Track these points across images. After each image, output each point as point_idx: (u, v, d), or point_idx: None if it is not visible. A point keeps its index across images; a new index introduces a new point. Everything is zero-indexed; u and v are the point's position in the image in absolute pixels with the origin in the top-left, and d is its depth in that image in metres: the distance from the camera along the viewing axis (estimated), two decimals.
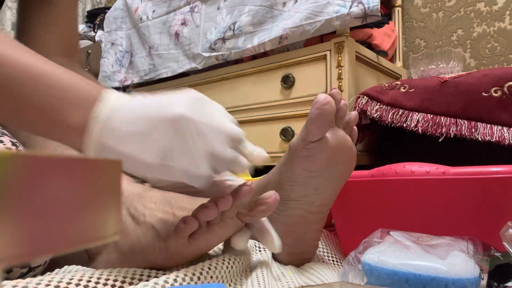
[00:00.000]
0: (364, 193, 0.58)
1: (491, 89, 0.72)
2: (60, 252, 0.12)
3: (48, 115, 0.34)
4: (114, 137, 0.33)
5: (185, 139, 0.33)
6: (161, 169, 0.33)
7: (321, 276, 0.48)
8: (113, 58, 1.51)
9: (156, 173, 0.34)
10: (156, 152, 0.33)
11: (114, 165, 0.15)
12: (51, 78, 0.34)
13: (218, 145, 0.34)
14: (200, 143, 0.33)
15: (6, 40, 0.36)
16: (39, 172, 0.11)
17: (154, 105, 0.34)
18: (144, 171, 0.34)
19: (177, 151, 0.33)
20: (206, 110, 0.35)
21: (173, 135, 0.33)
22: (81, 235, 0.13)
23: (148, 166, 0.33)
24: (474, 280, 0.34)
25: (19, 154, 0.10)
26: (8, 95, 0.33)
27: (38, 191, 0.11)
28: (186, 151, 0.33)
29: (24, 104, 0.33)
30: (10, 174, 0.10)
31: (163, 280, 0.35)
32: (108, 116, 0.33)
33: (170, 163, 0.33)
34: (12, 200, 0.10)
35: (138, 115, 0.33)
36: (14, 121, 0.36)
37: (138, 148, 0.33)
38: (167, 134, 0.33)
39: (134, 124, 0.33)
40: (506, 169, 0.47)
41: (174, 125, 0.33)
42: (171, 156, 0.33)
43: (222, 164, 0.35)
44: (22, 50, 0.35)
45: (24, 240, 0.10)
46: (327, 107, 0.44)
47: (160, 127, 0.33)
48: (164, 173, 0.33)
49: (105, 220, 0.14)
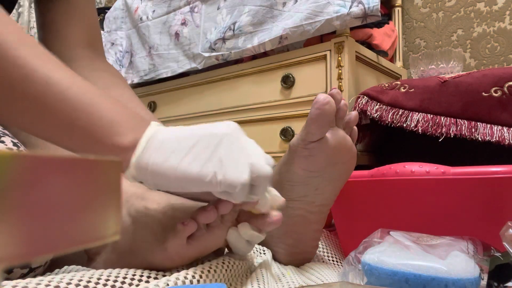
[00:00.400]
0: (364, 193, 0.58)
1: (491, 89, 0.72)
2: (60, 252, 0.12)
3: (98, 136, 0.36)
4: (159, 152, 0.35)
5: (230, 149, 0.35)
6: (201, 180, 0.35)
7: (321, 276, 0.48)
8: (113, 58, 1.51)
9: (195, 185, 0.35)
10: (201, 162, 0.35)
11: (114, 165, 0.15)
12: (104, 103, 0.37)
13: (259, 159, 0.37)
14: (243, 154, 0.36)
15: (58, 63, 0.37)
16: (40, 172, 0.11)
17: (199, 128, 0.37)
18: (184, 184, 0.35)
19: (224, 159, 0.35)
20: (245, 137, 0.38)
21: (218, 147, 0.35)
22: (81, 235, 0.13)
23: (189, 177, 0.34)
24: (474, 280, 0.34)
25: (20, 154, 0.10)
26: (59, 115, 0.35)
27: (39, 191, 0.11)
28: (231, 160, 0.35)
29: (77, 125, 0.36)
30: (11, 174, 0.10)
31: (163, 281, 0.35)
32: (155, 135, 0.36)
33: (215, 171, 0.34)
34: (12, 200, 0.10)
35: (184, 134, 0.36)
36: (57, 139, 0.37)
37: (183, 159, 0.35)
38: (212, 145, 0.35)
39: (181, 140, 0.36)
40: (506, 169, 0.47)
41: (219, 138, 0.36)
42: (216, 164, 0.35)
43: (259, 179, 0.36)
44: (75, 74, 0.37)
45: (24, 240, 0.10)
46: (327, 107, 0.44)
47: (205, 140, 0.36)
48: (203, 184, 0.35)
49: (105, 220, 0.14)
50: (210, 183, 0.34)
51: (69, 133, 0.36)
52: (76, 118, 0.35)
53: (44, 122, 0.36)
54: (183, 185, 0.35)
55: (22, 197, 0.10)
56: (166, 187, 0.37)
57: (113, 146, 0.36)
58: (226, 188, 0.35)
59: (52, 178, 0.11)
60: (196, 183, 0.35)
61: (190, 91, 1.29)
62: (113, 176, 0.15)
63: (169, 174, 0.34)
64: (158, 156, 0.35)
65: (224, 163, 0.35)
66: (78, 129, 0.35)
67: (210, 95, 1.23)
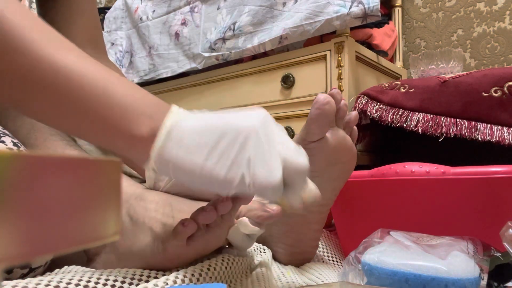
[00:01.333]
0: (364, 193, 0.58)
1: (491, 89, 0.72)
2: (60, 252, 0.12)
3: (113, 125, 0.33)
4: (182, 147, 0.32)
5: (258, 145, 0.32)
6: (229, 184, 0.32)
7: (321, 276, 0.48)
8: (113, 58, 1.51)
9: (222, 188, 0.32)
10: (227, 163, 0.32)
11: (114, 165, 0.15)
12: (118, 89, 0.34)
13: (292, 152, 0.33)
14: (273, 149, 0.33)
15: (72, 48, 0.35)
16: (40, 172, 0.11)
17: (226, 118, 0.34)
18: (209, 185, 0.32)
19: (252, 157, 0.32)
20: (275, 127, 0.35)
21: (245, 144, 0.32)
22: (81, 235, 0.13)
23: (216, 180, 0.32)
24: (474, 280, 0.34)
25: (20, 154, 0.10)
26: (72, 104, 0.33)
27: (39, 191, 0.11)
28: (260, 158, 0.32)
29: (91, 115, 0.33)
30: (11, 174, 0.10)
31: (162, 281, 0.35)
32: (176, 126, 0.33)
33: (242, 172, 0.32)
34: (12, 200, 0.10)
35: (209, 125, 0.33)
36: (73, 130, 0.36)
37: (209, 158, 0.32)
38: (239, 143, 0.32)
39: (205, 133, 0.32)
40: (506, 169, 0.47)
41: (246, 134, 0.32)
42: (244, 164, 0.32)
43: (294, 176, 0.34)
44: (88, 60, 0.35)
45: (24, 240, 0.10)
46: (327, 107, 0.44)
47: (231, 136, 0.32)
48: (232, 187, 0.32)
49: (105, 220, 0.14)
50: (239, 186, 0.32)
51: (85, 124, 0.34)
52: (90, 108, 0.33)
53: (59, 112, 0.33)
54: (209, 186, 0.32)
55: (22, 197, 0.10)
56: (189, 184, 0.34)
57: (131, 136, 0.33)
58: (257, 191, 0.32)
59: (52, 178, 0.11)
60: (223, 186, 0.32)
61: (190, 91, 1.29)
62: (113, 176, 0.15)
63: (194, 174, 0.32)
64: (180, 151, 0.32)
65: (252, 163, 0.32)
66: (94, 119, 0.33)
67: (210, 95, 1.23)
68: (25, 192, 0.10)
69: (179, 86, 1.32)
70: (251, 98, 1.11)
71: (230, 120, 0.33)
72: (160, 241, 0.39)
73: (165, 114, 0.34)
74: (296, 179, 0.34)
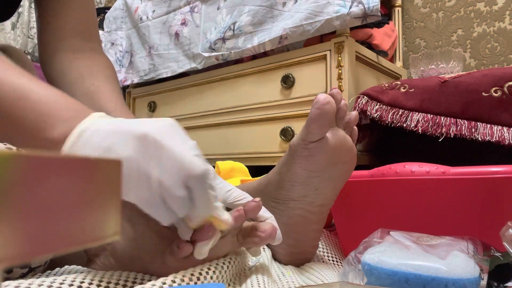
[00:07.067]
0: (364, 193, 0.58)
1: (491, 89, 0.72)
2: (60, 252, 0.12)
3: (31, 128, 0.34)
4: (87, 148, 0.33)
5: (143, 159, 0.32)
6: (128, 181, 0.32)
7: (321, 276, 0.48)
8: (113, 58, 1.51)
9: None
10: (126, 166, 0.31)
11: (114, 165, 0.15)
12: (37, 95, 0.35)
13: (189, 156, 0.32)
14: (155, 169, 0.32)
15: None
16: (40, 172, 0.11)
17: (129, 124, 0.34)
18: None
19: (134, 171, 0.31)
20: (174, 136, 0.34)
21: (133, 152, 0.32)
22: (81, 235, 0.13)
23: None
24: (474, 280, 0.34)
25: (20, 154, 0.10)
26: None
27: (39, 191, 0.11)
28: (143, 176, 0.31)
29: (8, 119, 0.35)
30: (11, 174, 0.10)
31: (160, 281, 0.35)
32: (84, 129, 0.34)
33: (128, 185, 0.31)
34: (12, 200, 0.10)
35: (110, 130, 0.33)
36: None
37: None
38: (129, 150, 0.32)
39: (105, 138, 0.33)
40: (506, 169, 0.47)
41: (137, 141, 0.32)
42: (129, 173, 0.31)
43: (174, 202, 0.32)
44: (12, 70, 0.37)
45: (24, 240, 0.10)
46: (327, 107, 0.44)
47: (124, 142, 0.32)
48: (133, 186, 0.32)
49: (105, 220, 0.14)
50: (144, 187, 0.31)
51: (5, 126, 0.35)
52: (9, 111, 0.34)
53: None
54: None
55: (22, 197, 0.10)
56: None
57: (46, 139, 0.34)
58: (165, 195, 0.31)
59: (52, 178, 0.11)
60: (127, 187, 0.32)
61: (190, 91, 1.29)
62: (113, 176, 0.15)
63: None
64: (86, 152, 0.32)
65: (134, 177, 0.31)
66: (13, 122, 0.34)
67: (210, 95, 1.23)
68: (25, 192, 0.10)
69: (179, 86, 1.33)
70: (251, 98, 1.11)
71: (133, 125, 0.34)
72: (160, 252, 0.39)
73: (82, 118, 0.35)
74: (195, 187, 0.32)
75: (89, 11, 0.65)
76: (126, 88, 1.53)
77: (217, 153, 1.19)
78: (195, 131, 1.25)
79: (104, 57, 0.64)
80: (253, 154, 1.10)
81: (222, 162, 0.89)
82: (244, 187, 0.54)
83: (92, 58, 0.62)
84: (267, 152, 1.07)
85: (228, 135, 1.17)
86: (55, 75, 0.60)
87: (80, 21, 0.63)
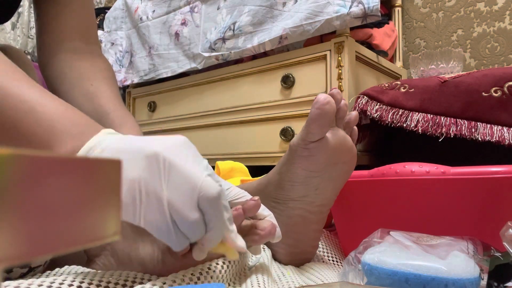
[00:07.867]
0: (364, 193, 0.58)
1: (491, 89, 0.72)
2: (60, 252, 0.12)
3: (39, 142, 0.34)
4: None
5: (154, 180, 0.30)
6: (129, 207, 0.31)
7: (321, 276, 0.48)
8: (113, 58, 1.51)
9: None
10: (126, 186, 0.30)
11: (114, 165, 0.15)
12: (45, 107, 0.35)
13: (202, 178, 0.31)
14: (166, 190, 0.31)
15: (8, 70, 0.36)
16: (40, 172, 0.11)
17: (139, 141, 0.33)
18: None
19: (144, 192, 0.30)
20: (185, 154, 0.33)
21: (143, 172, 0.31)
22: (81, 235, 0.13)
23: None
24: (474, 280, 0.34)
25: (20, 154, 0.10)
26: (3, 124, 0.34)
27: (38, 191, 0.11)
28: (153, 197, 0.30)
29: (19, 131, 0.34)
30: (11, 174, 0.10)
31: (160, 281, 0.35)
32: (92, 147, 0.33)
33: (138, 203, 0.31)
34: (12, 200, 0.10)
35: (120, 148, 0.33)
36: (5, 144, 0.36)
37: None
38: (138, 169, 0.31)
39: (114, 156, 0.32)
40: (506, 169, 0.47)
41: (147, 161, 0.31)
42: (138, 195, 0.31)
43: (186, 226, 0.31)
44: (21, 81, 0.36)
45: (24, 240, 0.10)
46: (327, 107, 0.44)
47: (134, 161, 0.31)
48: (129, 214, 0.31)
49: (105, 220, 0.14)
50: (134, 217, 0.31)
51: (15, 140, 0.35)
52: (20, 125, 0.34)
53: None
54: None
55: (22, 197, 0.10)
56: None
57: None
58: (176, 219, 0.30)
59: (52, 178, 0.11)
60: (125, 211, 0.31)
61: (190, 91, 1.29)
62: (113, 176, 0.15)
63: None
64: None
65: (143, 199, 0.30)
66: (23, 136, 0.34)
67: (210, 95, 1.23)
68: (25, 192, 0.10)
69: (179, 86, 1.33)
70: (251, 98, 1.11)
71: (144, 143, 0.33)
72: (159, 251, 0.39)
73: (91, 135, 0.34)
74: (209, 209, 0.31)
75: (89, 12, 0.65)
76: (126, 88, 1.53)
77: (217, 153, 1.19)
78: (195, 131, 1.25)
79: (103, 59, 0.65)
80: (253, 154, 1.10)
81: (222, 162, 0.89)
82: (244, 187, 0.54)
83: (92, 59, 0.62)
84: (267, 152, 1.07)
85: (228, 135, 1.17)
86: (55, 76, 0.60)
87: (79, 23, 0.63)
